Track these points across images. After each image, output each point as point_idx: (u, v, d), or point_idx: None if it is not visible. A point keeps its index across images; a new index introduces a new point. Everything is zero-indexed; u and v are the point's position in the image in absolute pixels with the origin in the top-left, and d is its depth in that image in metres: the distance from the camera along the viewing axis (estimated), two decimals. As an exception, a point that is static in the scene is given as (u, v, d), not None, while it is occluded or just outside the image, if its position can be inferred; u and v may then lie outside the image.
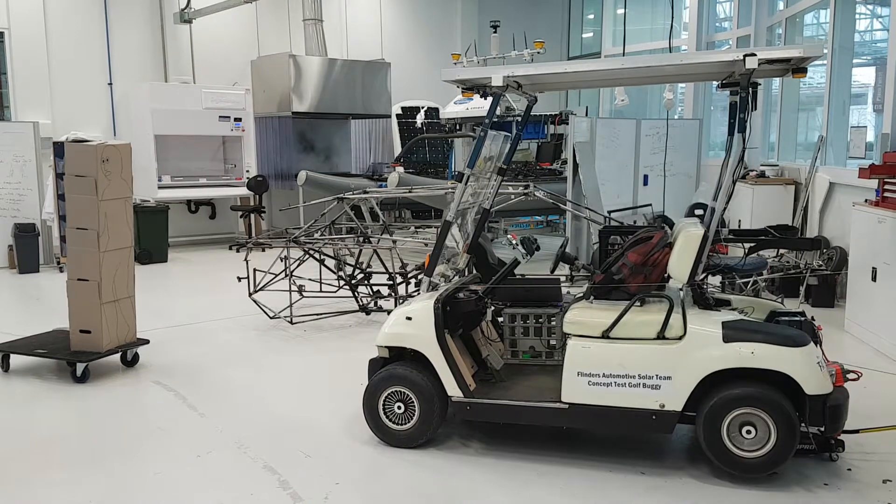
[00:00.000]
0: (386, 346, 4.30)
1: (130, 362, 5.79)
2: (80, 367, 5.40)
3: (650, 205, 9.62)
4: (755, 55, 3.67)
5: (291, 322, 7.02)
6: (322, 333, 6.77)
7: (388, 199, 9.79)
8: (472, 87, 4.48)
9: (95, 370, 5.58)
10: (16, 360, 5.73)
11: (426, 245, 7.51)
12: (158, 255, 10.74)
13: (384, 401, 4.20)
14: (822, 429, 3.75)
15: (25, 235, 9.92)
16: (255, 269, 7.18)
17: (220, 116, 11.93)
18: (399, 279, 7.21)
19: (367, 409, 4.24)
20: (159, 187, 11.38)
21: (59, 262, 10.11)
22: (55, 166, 9.96)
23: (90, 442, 4.36)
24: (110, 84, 11.79)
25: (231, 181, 12.34)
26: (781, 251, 7.91)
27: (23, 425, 4.65)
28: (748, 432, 3.67)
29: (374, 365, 4.35)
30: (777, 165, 9.57)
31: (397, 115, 13.87)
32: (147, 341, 5.89)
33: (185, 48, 12.37)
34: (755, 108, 3.99)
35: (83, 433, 4.50)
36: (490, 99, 4.39)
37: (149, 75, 12.04)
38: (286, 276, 7.11)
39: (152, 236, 10.71)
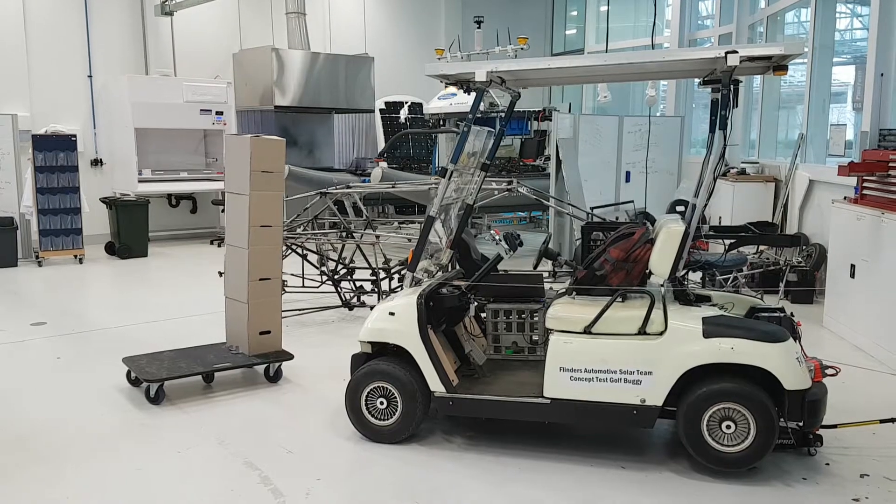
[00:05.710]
0: (368, 342, 4.30)
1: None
2: (273, 367, 5.33)
3: (632, 201, 9.67)
4: (737, 53, 3.69)
5: (273, 317, 6.97)
6: (304, 329, 6.75)
7: (372, 194, 9.74)
8: (456, 82, 4.48)
9: (70, 367, 5.52)
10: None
11: (409, 240, 7.50)
12: (139, 250, 10.64)
13: (366, 396, 4.19)
14: (801, 424, 3.80)
15: (3, 229, 9.76)
16: (236, 264, 7.12)
17: (201, 110, 11.81)
18: (382, 274, 7.19)
19: (350, 405, 4.24)
20: (139, 181, 11.25)
21: (37, 256, 9.98)
22: (34, 159, 9.84)
23: (70, 437, 4.32)
24: (90, 76, 11.63)
25: (212, 175, 12.20)
26: (761, 248, 7.98)
27: (1, 422, 4.60)
28: (728, 427, 3.71)
29: (357, 360, 4.35)
30: (758, 163, 9.65)
31: (381, 110, 13.82)
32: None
33: (166, 41, 12.25)
34: (736, 106, 4.01)
35: (63, 428, 4.45)
36: (474, 94, 4.40)
37: (129, 68, 11.89)
38: (268, 271, 7.06)
39: (132, 230, 10.60)
